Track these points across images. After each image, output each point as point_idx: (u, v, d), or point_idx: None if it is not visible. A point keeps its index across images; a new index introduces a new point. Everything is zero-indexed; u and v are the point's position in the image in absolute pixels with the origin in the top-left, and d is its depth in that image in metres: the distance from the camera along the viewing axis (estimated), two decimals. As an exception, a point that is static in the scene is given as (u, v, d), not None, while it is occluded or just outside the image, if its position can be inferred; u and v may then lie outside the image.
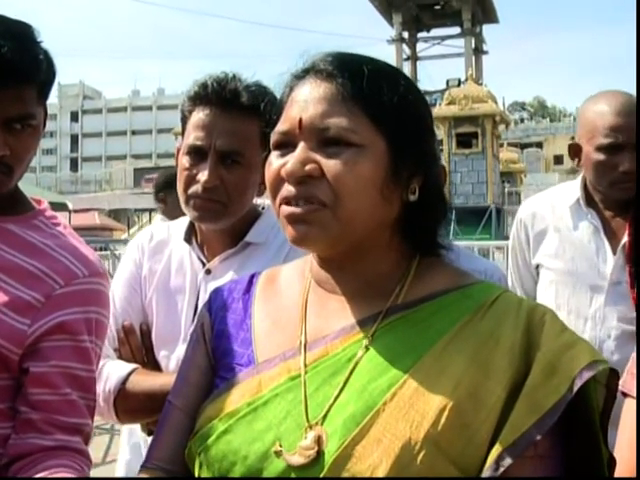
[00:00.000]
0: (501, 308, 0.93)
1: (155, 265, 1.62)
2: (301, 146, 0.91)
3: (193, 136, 1.49)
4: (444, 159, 19.46)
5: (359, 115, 0.90)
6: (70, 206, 18.32)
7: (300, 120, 0.91)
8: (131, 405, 1.46)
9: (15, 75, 1.17)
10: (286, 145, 0.93)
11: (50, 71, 1.26)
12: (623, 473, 1.07)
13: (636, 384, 1.15)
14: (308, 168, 0.89)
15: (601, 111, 2.00)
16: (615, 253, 2.01)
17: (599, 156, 1.99)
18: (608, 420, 0.88)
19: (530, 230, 2.18)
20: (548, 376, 0.85)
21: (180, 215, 1.67)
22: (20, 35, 1.21)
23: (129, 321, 1.57)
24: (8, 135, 1.20)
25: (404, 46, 32.28)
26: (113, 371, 1.48)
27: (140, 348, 1.57)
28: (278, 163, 0.93)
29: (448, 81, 25.27)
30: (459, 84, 23.87)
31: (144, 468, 1.03)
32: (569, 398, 0.84)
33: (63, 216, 1.50)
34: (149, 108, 68.99)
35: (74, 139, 70.32)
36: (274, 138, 0.95)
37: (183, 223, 1.64)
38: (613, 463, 0.89)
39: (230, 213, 1.51)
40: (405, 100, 0.94)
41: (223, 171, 1.47)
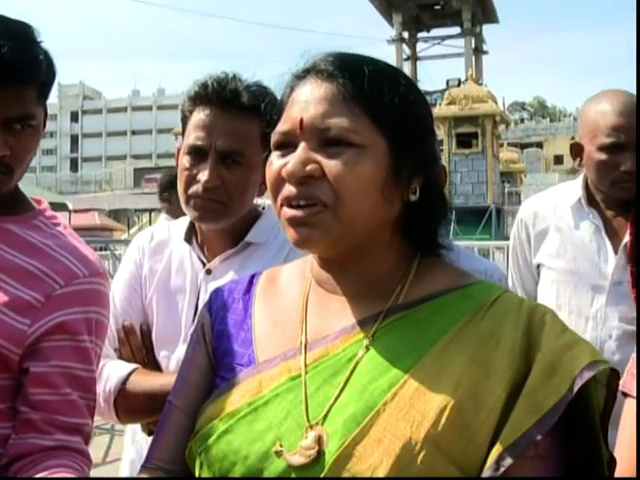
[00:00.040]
0: (501, 308, 0.93)
1: (155, 265, 1.62)
2: (302, 146, 0.91)
3: (193, 136, 1.49)
4: (444, 159, 19.45)
5: (360, 115, 0.90)
6: (70, 206, 18.33)
7: (301, 120, 0.91)
8: (131, 405, 1.46)
9: (15, 75, 1.17)
10: (287, 145, 0.93)
11: (50, 71, 1.25)
12: (623, 473, 1.07)
13: (636, 384, 1.15)
14: (309, 168, 0.89)
15: (603, 110, 1.99)
16: (617, 253, 2.01)
17: (601, 155, 1.98)
18: (608, 420, 0.88)
19: (531, 229, 2.17)
20: (548, 376, 0.85)
21: (185, 215, 1.67)
22: (20, 35, 1.20)
23: (129, 321, 1.57)
24: (8, 135, 1.20)
25: (404, 46, 32.26)
26: (113, 371, 1.48)
27: (140, 348, 1.57)
28: (279, 163, 0.93)
29: (448, 81, 25.26)
30: (459, 84, 23.86)
31: (144, 468, 1.03)
32: (569, 398, 0.84)
33: (63, 216, 1.50)
34: (149, 108, 68.98)
35: (74, 139, 70.31)
36: (275, 138, 0.95)
37: (183, 223, 1.64)
38: (613, 463, 0.89)
39: (230, 213, 1.51)
40: (406, 100, 0.94)
41: (223, 171, 1.47)
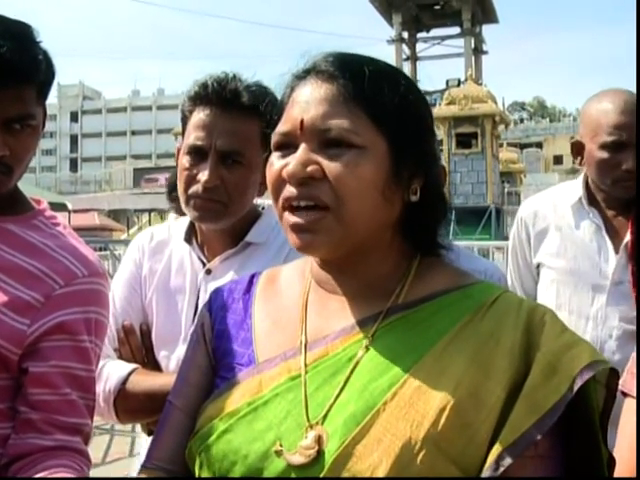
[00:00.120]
0: (501, 308, 0.93)
1: (155, 265, 1.62)
2: (302, 147, 0.91)
3: (193, 136, 1.49)
4: (444, 159, 19.45)
5: (360, 116, 0.90)
6: (70, 206, 18.35)
7: (301, 121, 0.91)
8: (131, 405, 1.46)
9: (14, 75, 1.17)
10: (287, 146, 0.93)
11: (49, 71, 1.25)
12: (623, 473, 1.07)
13: (636, 384, 1.15)
14: (310, 169, 0.89)
15: (605, 109, 1.99)
16: (617, 252, 2.00)
17: (602, 154, 1.98)
18: (608, 420, 0.88)
19: (531, 229, 2.17)
20: (548, 376, 0.85)
21: None
22: (19, 35, 1.20)
23: (129, 321, 1.57)
24: (7, 135, 1.20)
25: (404, 46, 32.25)
26: (113, 371, 1.48)
27: (140, 348, 1.57)
28: (279, 164, 0.93)
29: (448, 81, 25.24)
30: (459, 84, 23.86)
31: (144, 468, 1.03)
32: (569, 398, 0.84)
33: (63, 216, 1.50)
34: (149, 108, 68.98)
35: (74, 139, 70.32)
36: (275, 139, 0.95)
37: (183, 223, 1.64)
38: (613, 463, 0.89)
39: (230, 213, 1.51)
40: (406, 100, 0.94)
41: (223, 171, 1.47)
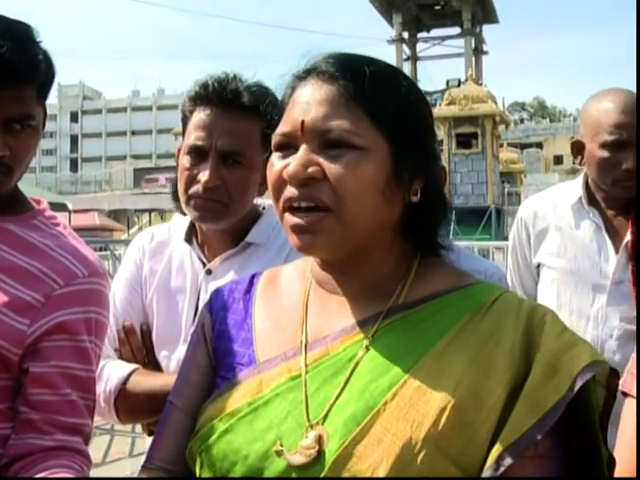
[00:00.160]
0: (501, 308, 0.93)
1: (156, 265, 1.62)
2: (303, 148, 0.91)
3: (194, 136, 1.49)
4: (444, 159, 19.44)
5: (361, 117, 0.90)
6: (70, 206, 18.35)
7: (302, 122, 0.90)
8: (132, 405, 1.46)
9: (14, 75, 1.17)
10: (287, 147, 0.93)
11: (49, 71, 1.25)
12: (623, 473, 1.07)
13: (636, 384, 1.15)
14: (310, 170, 0.89)
15: (605, 108, 1.98)
16: (617, 252, 2.00)
17: (603, 153, 1.97)
18: (608, 420, 0.89)
19: (531, 229, 2.16)
20: (548, 376, 0.85)
21: None
22: (19, 35, 1.20)
23: (129, 321, 1.57)
24: (8, 135, 1.20)
25: (404, 46, 32.24)
26: (114, 371, 1.48)
27: (141, 348, 1.57)
28: (280, 165, 0.93)
29: (448, 81, 25.25)
30: (459, 84, 23.84)
31: (145, 468, 1.03)
32: (569, 398, 0.84)
33: (63, 216, 1.50)
34: (149, 108, 68.98)
35: (74, 139, 70.32)
36: (275, 139, 0.95)
37: (184, 223, 1.64)
38: (613, 463, 0.89)
39: (231, 213, 1.51)
40: (407, 101, 0.94)
41: (224, 171, 1.47)
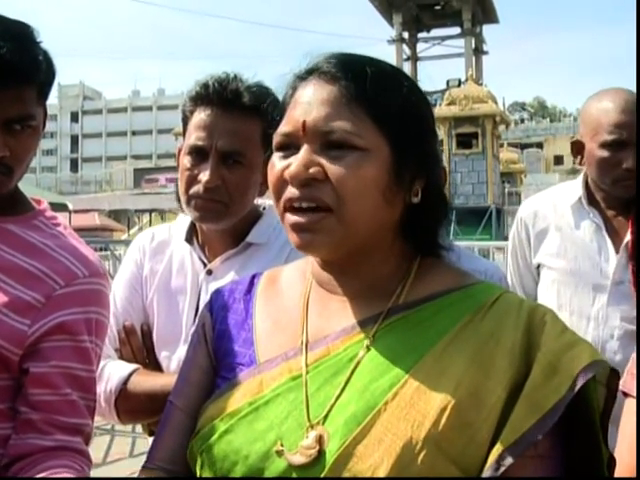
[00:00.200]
0: (502, 308, 0.93)
1: (156, 265, 1.62)
2: (304, 149, 0.90)
3: (194, 136, 1.49)
4: (444, 159, 19.43)
5: (363, 118, 0.90)
6: (70, 207, 18.36)
7: (304, 123, 0.90)
8: (132, 405, 1.46)
9: (15, 76, 1.17)
10: (288, 147, 0.93)
11: (50, 71, 1.25)
12: (623, 473, 1.07)
13: (636, 384, 1.15)
14: (312, 171, 0.89)
15: (605, 108, 1.98)
16: (618, 252, 1.99)
17: (603, 153, 1.97)
18: (608, 420, 0.89)
19: (531, 229, 2.16)
20: (548, 376, 0.85)
21: None
22: (20, 35, 1.20)
23: (130, 322, 1.57)
24: (8, 136, 1.20)
25: (404, 46, 32.24)
26: (114, 371, 1.48)
27: (141, 348, 1.57)
28: (281, 165, 0.92)
29: (448, 81, 25.19)
30: (459, 84, 23.82)
31: (145, 468, 1.03)
32: (569, 398, 0.84)
33: (63, 217, 1.49)
34: (149, 108, 68.98)
35: (74, 140, 70.31)
36: (277, 139, 0.94)
37: (184, 223, 1.64)
38: (613, 463, 0.89)
39: (231, 213, 1.51)
40: (408, 103, 0.94)
41: (224, 171, 1.47)
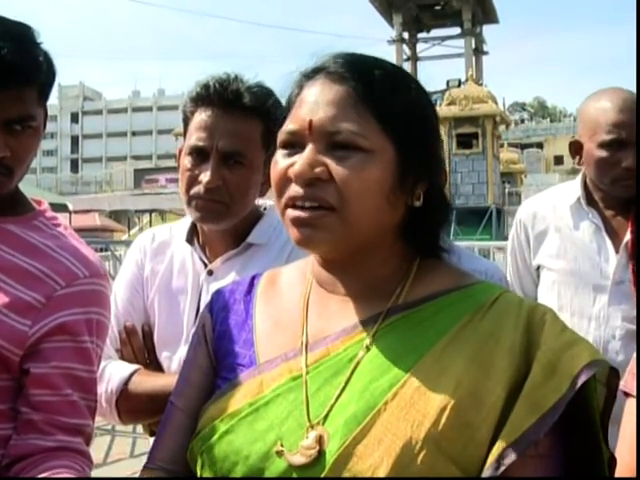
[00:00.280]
0: (501, 308, 0.93)
1: (157, 266, 1.62)
2: (310, 148, 0.90)
3: (195, 137, 1.49)
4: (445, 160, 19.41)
5: (369, 120, 0.90)
6: (70, 207, 18.38)
7: (310, 122, 0.90)
8: (133, 406, 1.46)
9: (15, 76, 1.17)
10: (293, 145, 0.92)
11: (50, 72, 1.25)
12: (624, 473, 1.07)
13: (636, 384, 1.15)
14: (317, 171, 0.89)
15: (603, 108, 1.98)
16: (617, 252, 1.99)
17: (601, 153, 1.97)
18: (608, 420, 0.89)
19: (530, 231, 2.16)
20: (548, 375, 0.86)
21: None
22: (20, 36, 1.20)
23: (131, 322, 1.58)
24: (8, 136, 1.20)
25: (404, 46, 32.23)
26: (115, 372, 1.48)
27: (142, 349, 1.57)
28: (285, 163, 0.92)
29: (448, 81, 25.16)
30: (459, 84, 23.81)
31: (146, 469, 1.03)
32: (569, 397, 0.84)
33: (63, 217, 1.50)
34: (149, 109, 69.02)
35: (74, 140, 70.35)
36: (281, 137, 0.94)
37: (185, 224, 1.64)
38: (614, 463, 0.89)
39: (232, 214, 1.51)
40: (415, 106, 0.94)
41: (225, 172, 1.47)
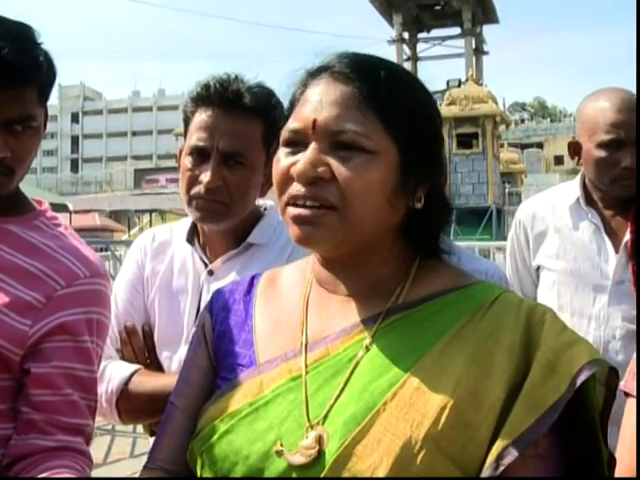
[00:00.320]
0: (501, 308, 0.93)
1: (157, 266, 1.62)
2: (313, 147, 0.90)
3: (196, 137, 1.49)
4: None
5: (373, 121, 0.90)
6: (71, 207, 18.40)
7: (314, 121, 0.90)
8: (134, 406, 1.46)
9: (15, 76, 1.17)
10: (296, 143, 0.92)
11: (50, 72, 1.25)
12: (624, 473, 1.07)
13: (636, 384, 1.15)
14: (320, 170, 0.89)
15: (601, 107, 1.98)
16: (617, 252, 1.99)
17: (600, 153, 1.97)
18: (608, 419, 0.89)
19: (530, 231, 2.16)
20: (548, 375, 0.86)
21: None
22: (20, 36, 1.20)
23: (131, 322, 1.58)
24: (9, 137, 1.20)
25: (404, 46, 32.22)
26: (116, 372, 1.48)
27: (142, 349, 1.57)
28: (287, 161, 0.92)
29: (448, 81, 25.14)
30: (459, 84, 23.79)
31: (146, 469, 1.04)
32: (569, 397, 0.84)
33: (64, 217, 1.50)
34: (149, 109, 69.01)
35: (75, 140, 70.34)
36: (284, 135, 0.94)
37: (185, 224, 1.64)
38: (613, 462, 0.89)
39: (232, 214, 1.51)
40: (419, 109, 0.94)
41: (226, 172, 1.47)
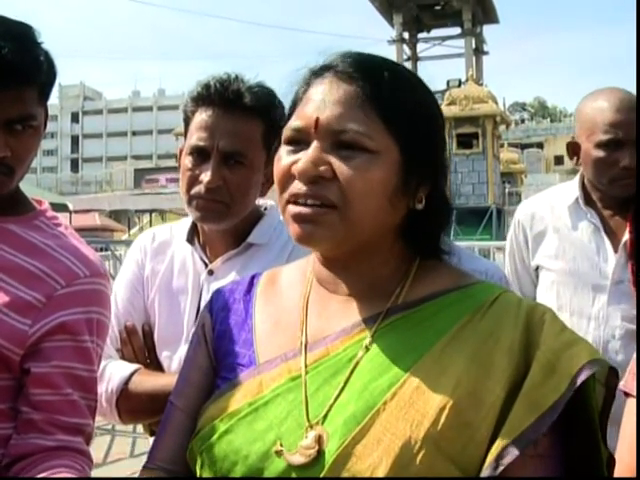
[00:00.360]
0: (501, 308, 0.93)
1: (157, 266, 1.62)
2: (315, 146, 0.90)
3: (196, 137, 1.49)
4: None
5: (375, 120, 0.90)
6: (71, 207, 18.39)
7: (317, 120, 0.90)
8: (133, 405, 1.46)
9: (16, 76, 1.17)
10: (298, 142, 0.92)
11: (51, 72, 1.26)
12: (623, 473, 1.07)
13: (636, 384, 1.15)
14: (321, 169, 0.89)
15: (600, 107, 1.98)
16: (616, 252, 1.99)
17: (599, 153, 1.97)
18: (607, 419, 0.89)
19: (529, 231, 2.16)
20: (547, 375, 0.86)
21: None
22: (21, 36, 1.21)
23: (131, 322, 1.58)
24: (9, 136, 1.20)
25: (404, 46, 32.24)
26: (116, 372, 1.48)
27: (142, 349, 1.57)
28: (289, 160, 0.92)
29: (449, 81, 25.13)
30: (459, 84, 23.78)
31: (146, 468, 1.04)
32: (568, 397, 0.84)
33: (64, 217, 1.50)
34: (149, 109, 69.02)
35: (75, 140, 70.35)
36: (286, 133, 0.94)
37: (186, 224, 1.64)
38: (612, 462, 0.89)
39: (233, 214, 1.51)
40: (422, 110, 0.94)
41: (226, 172, 1.47)
